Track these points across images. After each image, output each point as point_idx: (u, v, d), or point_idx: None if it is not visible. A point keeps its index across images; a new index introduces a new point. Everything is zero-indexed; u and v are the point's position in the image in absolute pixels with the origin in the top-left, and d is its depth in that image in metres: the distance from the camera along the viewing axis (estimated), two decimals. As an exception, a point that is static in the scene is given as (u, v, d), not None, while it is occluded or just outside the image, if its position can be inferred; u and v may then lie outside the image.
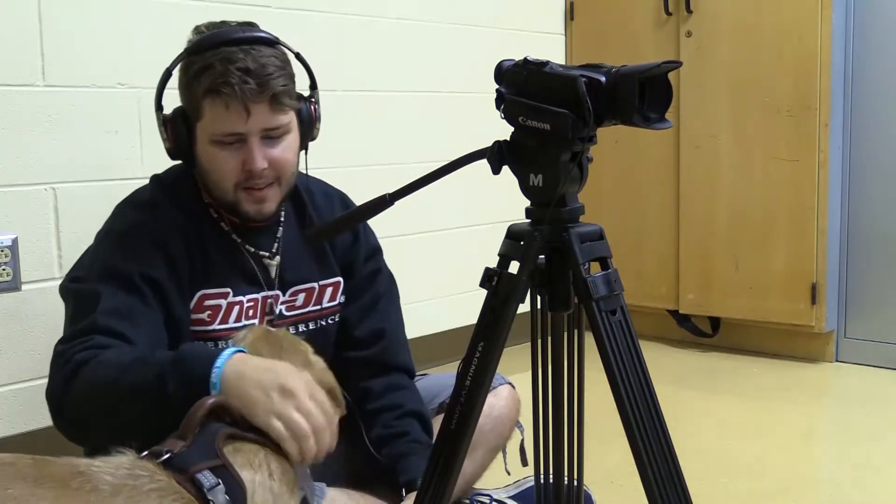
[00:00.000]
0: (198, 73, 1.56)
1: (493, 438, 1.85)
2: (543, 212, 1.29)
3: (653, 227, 3.59)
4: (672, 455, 1.29)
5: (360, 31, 2.99)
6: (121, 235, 1.61)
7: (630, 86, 1.18)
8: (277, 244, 1.74)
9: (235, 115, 1.55)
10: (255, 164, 1.58)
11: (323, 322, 1.79)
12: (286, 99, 1.59)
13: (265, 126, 1.58)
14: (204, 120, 1.58)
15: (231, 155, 1.58)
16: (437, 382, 1.91)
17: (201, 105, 1.57)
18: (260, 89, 1.54)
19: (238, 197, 1.62)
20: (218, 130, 1.57)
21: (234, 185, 1.60)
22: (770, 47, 3.21)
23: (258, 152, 1.58)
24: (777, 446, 2.53)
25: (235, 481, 1.11)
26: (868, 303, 3.25)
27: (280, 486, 1.17)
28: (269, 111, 1.57)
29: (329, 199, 1.85)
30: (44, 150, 2.25)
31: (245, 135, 1.57)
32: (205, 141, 1.59)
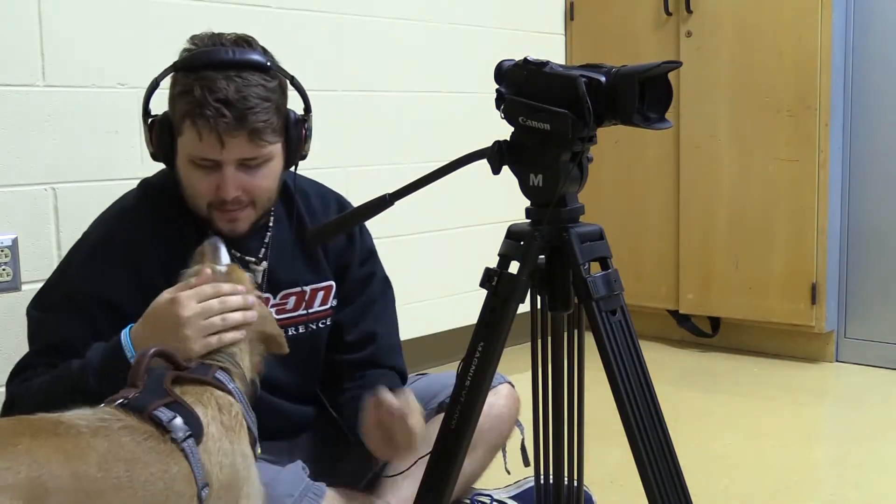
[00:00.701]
0: (180, 95, 1.53)
1: (492, 437, 1.85)
2: (543, 212, 1.29)
3: (653, 227, 3.58)
4: (672, 455, 1.29)
5: (360, 31, 2.99)
6: (88, 256, 1.62)
7: (630, 86, 1.18)
8: (265, 249, 1.71)
9: (209, 144, 1.52)
10: (227, 192, 1.56)
11: (313, 326, 1.77)
12: (266, 134, 1.54)
13: (241, 157, 1.55)
14: (183, 138, 1.56)
15: (205, 177, 1.56)
16: (436, 382, 1.91)
17: (181, 124, 1.55)
18: (237, 123, 1.50)
19: (211, 215, 1.60)
20: (194, 153, 1.55)
21: (207, 204, 1.60)
22: (770, 47, 3.21)
23: (231, 181, 1.55)
24: (777, 446, 2.53)
25: (190, 413, 1.21)
26: (868, 303, 3.25)
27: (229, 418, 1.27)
28: (247, 143, 1.53)
29: (325, 200, 1.83)
30: (44, 150, 2.25)
31: (220, 162, 1.54)
32: (183, 157, 1.58)
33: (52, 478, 1.03)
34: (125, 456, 1.12)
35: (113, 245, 1.61)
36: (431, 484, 1.35)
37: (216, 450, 1.22)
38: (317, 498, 1.56)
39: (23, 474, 1.01)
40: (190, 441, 1.18)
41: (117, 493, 1.09)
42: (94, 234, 1.66)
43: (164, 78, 1.61)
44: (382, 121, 3.08)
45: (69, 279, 1.61)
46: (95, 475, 1.08)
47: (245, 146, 1.53)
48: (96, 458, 1.09)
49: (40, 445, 1.06)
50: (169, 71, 1.58)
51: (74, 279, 1.60)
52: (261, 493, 1.32)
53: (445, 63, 3.28)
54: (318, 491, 1.58)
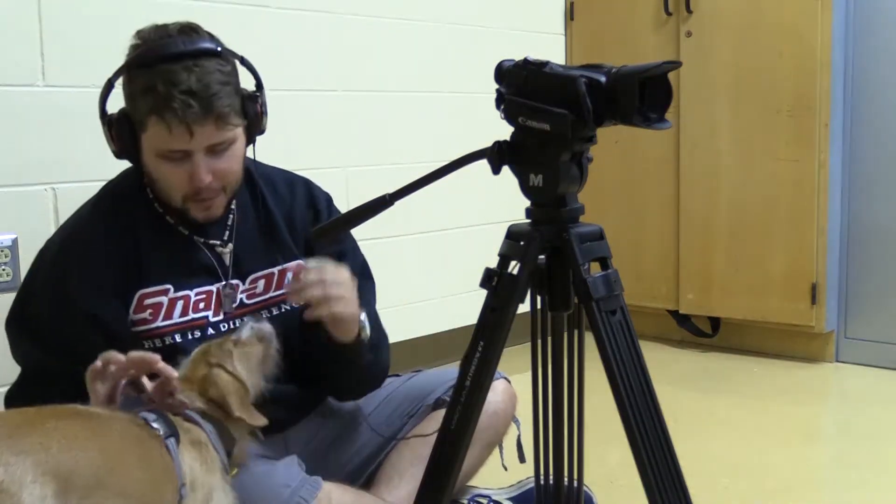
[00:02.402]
0: (142, 93, 1.54)
1: (489, 434, 1.84)
2: (543, 212, 1.29)
3: (653, 227, 3.59)
4: (672, 455, 1.29)
5: (360, 31, 2.99)
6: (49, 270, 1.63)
7: (630, 86, 1.18)
8: (229, 232, 1.73)
9: (178, 136, 1.54)
10: (201, 179, 1.58)
11: (286, 306, 1.77)
12: (231, 118, 1.57)
13: (209, 143, 1.57)
14: (148, 134, 1.57)
15: (176, 168, 1.58)
16: (431, 379, 1.91)
17: (145, 120, 1.56)
18: (204, 112, 1.52)
19: (186, 206, 1.63)
20: (162, 147, 1.56)
21: (182, 195, 1.61)
22: (770, 47, 3.21)
23: (202, 167, 1.58)
24: (777, 446, 2.53)
25: (167, 418, 1.31)
26: (868, 303, 3.25)
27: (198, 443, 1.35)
28: (214, 130, 1.56)
29: (292, 186, 1.83)
30: (44, 150, 2.25)
31: (190, 152, 1.57)
32: (150, 153, 1.59)
33: (81, 451, 1.10)
34: (136, 436, 1.22)
35: (69, 260, 1.62)
36: (431, 484, 1.35)
37: (187, 454, 1.30)
38: (313, 489, 1.56)
39: (53, 451, 1.06)
40: (172, 440, 1.28)
41: (136, 467, 1.18)
42: (53, 251, 1.67)
43: (118, 78, 1.63)
44: (382, 121, 3.08)
45: (36, 300, 1.63)
46: (120, 450, 1.17)
47: (212, 133, 1.55)
48: (117, 437, 1.19)
49: (66, 425, 1.13)
50: (123, 70, 1.60)
51: (41, 300, 1.62)
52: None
53: (445, 63, 3.28)
54: (315, 483, 1.58)
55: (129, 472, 1.16)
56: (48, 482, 1.03)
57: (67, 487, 1.05)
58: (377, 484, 1.79)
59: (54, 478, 1.04)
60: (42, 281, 1.64)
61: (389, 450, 1.83)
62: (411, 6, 3.15)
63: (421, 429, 1.80)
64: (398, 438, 1.83)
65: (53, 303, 1.60)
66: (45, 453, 1.06)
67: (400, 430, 1.84)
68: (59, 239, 1.68)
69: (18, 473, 1.01)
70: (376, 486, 1.78)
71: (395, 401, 1.88)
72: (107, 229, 1.64)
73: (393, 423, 1.86)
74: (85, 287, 1.59)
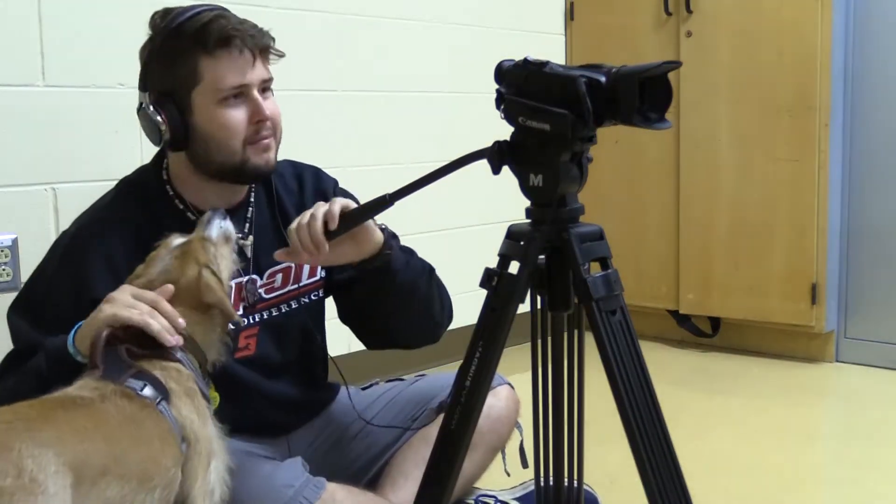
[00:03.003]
0: (196, 34, 1.57)
1: (491, 439, 1.85)
2: (543, 212, 1.29)
3: (653, 227, 3.58)
4: (672, 455, 1.29)
5: (360, 31, 2.99)
6: (63, 255, 1.63)
7: (630, 86, 1.18)
8: (249, 224, 1.73)
9: (243, 63, 1.58)
10: (264, 111, 1.62)
11: (305, 299, 1.78)
12: (273, 51, 1.65)
13: (262, 77, 1.62)
14: (205, 82, 1.58)
15: (238, 111, 1.61)
16: (434, 383, 1.91)
17: (198, 67, 1.57)
18: (260, 36, 1.61)
19: (246, 154, 1.62)
20: (225, 85, 1.58)
21: (243, 141, 1.62)
22: (770, 47, 3.21)
23: (262, 101, 1.62)
24: (777, 446, 2.53)
25: (154, 379, 1.32)
26: (868, 303, 3.25)
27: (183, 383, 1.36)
28: (263, 63, 1.63)
29: (301, 177, 1.83)
30: (44, 150, 2.25)
31: (248, 87, 1.60)
32: (209, 105, 1.59)
33: (90, 442, 1.15)
34: (128, 415, 1.25)
35: (86, 241, 1.62)
36: (431, 484, 1.35)
37: (182, 407, 1.33)
38: (317, 490, 1.56)
39: (69, 444, 1.12)
40: (163, 403, 1.30)
41: (134, 448, 1.22)
42: (69, 234, 1.67)
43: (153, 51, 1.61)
44: (382, 121, 3.08)
45: (46, 281, 1.63)
46: (119, 435, 1.21)
47: (262, 67, 1.63)
48: (114, 421, 1.22)
49: (73, 417, 1.18)
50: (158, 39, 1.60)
51: (51, 281, 1.61)
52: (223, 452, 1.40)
53: (446, 63, 3.28)
54: (319, 483, 1.58)
55: (129, 455, 1.20)
56: (67, 473, 1.08)
57: (80, 477, 1.10)
58: (381, 486, 1.79)
59: (71, 468, 1.09)
60: (57, 264, 1.63)
61: (393, 452, 1.83)
62: (412, 6, 3.15)
63: (425, 432, 1.80)
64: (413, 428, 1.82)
65: (65, 285, 1.59)
66: (62, 446, 1.10)
67: (403, 433, 1.84)
68: (77, 226, 1.67)
69: (43, 464, 1.06)
70: (380, 487, 1.78)
71: (398, 404, 1.88)
72: (126, 218, 1.64)
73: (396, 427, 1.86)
74: (100, 271, 1.58)
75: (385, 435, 1.84)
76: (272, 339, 1.73)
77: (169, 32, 1.58)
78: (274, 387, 1.75)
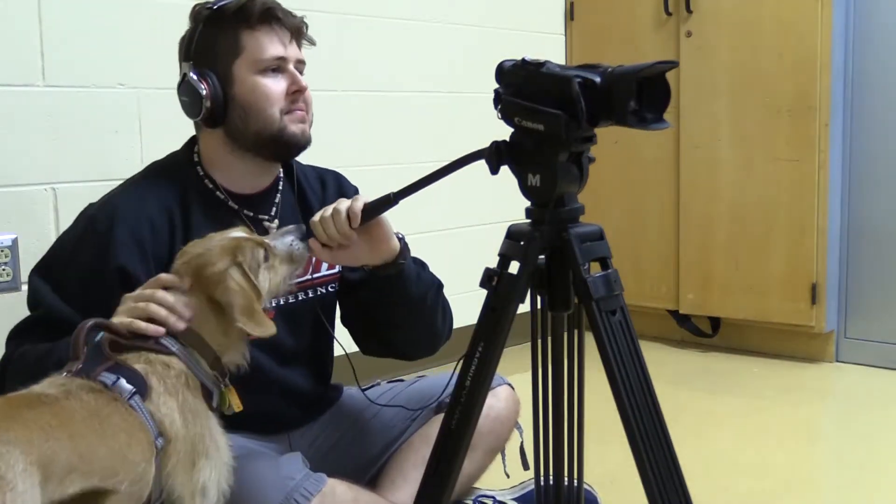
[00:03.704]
0: (239, 10, 1.66)
1: (491, 439, 1.85)
2: (543, 212, 1.29)
3: (653, 227, 3.58)
4: (672, 455, 1.29)
5: (360, 31, 2.99)
6: (88, 226, 1.65)
7: (624, 86, 1.18)
8: (276, 208, 1.77)
9: (282, 36, 1.68)
10: (301, 82, 1.70)
11: (322, 290, 1.80)
12: (305, 37, 1.75)
13: (298, 57, 1.72)
14: (246, 52, 1.66)
15: (274, 81, 1.68)
16: (435, 383, 1.91)
17: (240, 40, 1.66)
18: (296, 20, 1.71)
19: (284, 123, 1.69)
20: (266, 55, 1.66)
21: (280, 110, 1.68)
22: (770, 47, 3.21)
23: (297, 74, 1.70)
24: (777, 446, 2.53)
25: (131, 371, 1.30)
26: (868, 303, 3.25)
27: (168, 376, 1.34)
28: (297, 44, 1.72)
29: (324, 179, 1.88)
30: (44, 150, 2.25)
31: (286, 60, 1.68)
32: (249, 75, 1.67)
33: (56, 441, 1.14)
34: (93, 410, 1.23)
35: (113, 211, 1.64)
36: (431, 484, 1.35)
37: (162, 404, 1.30)
38: (318, 483, 1.56)
39: (35, 442, 1.11)
40: (136, 398, 1.27)
41: (100, 443, 1.20)
42: (97, 205, 1.69)
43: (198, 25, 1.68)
44: (382, 121, 3.08)
45: (70, 247, 1.65)
46: (84, 432, 1.19)
47: (296, 47, 1.73)
48: (79, 417, 1.20)
49: (38, 415, 1.17)
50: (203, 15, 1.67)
51: (75, 247, 1.64)
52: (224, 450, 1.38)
53: (445, 63, 3.28)
54: (319, 478, 1.58)
55: (94, 450, 1.19)
56: (35, 471, 1.08)
57: (48, 475, 1.10)
58: (380, 486, 1.79)
59: (38, 467, 1.09)
60: (81, 231, 1.65)
61: (392, 452, 1.83)
62: (412, 6, 3.15)
63: (424, 432, 1.80)
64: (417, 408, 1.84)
65: (88, 252, 1.61)
66: (28, 444, 1.10)
67: (403, 433, 1.84)
68: (105, 198, 1.70)
69: (11, 462, 1.06)
70: (380, 487, 1.79)
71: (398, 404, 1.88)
72: (154, 193, 1.68)
73: (396, 426, 1.86)
74: (125, 239, 1.60)
75: (384, 436, 1.85)
76: (286, 325, 1.73)
77: (213, 11, 1.67)
78: (285, 375, 1.76)
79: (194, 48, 1.68)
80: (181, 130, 1.79)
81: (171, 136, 1.82)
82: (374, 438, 1.85)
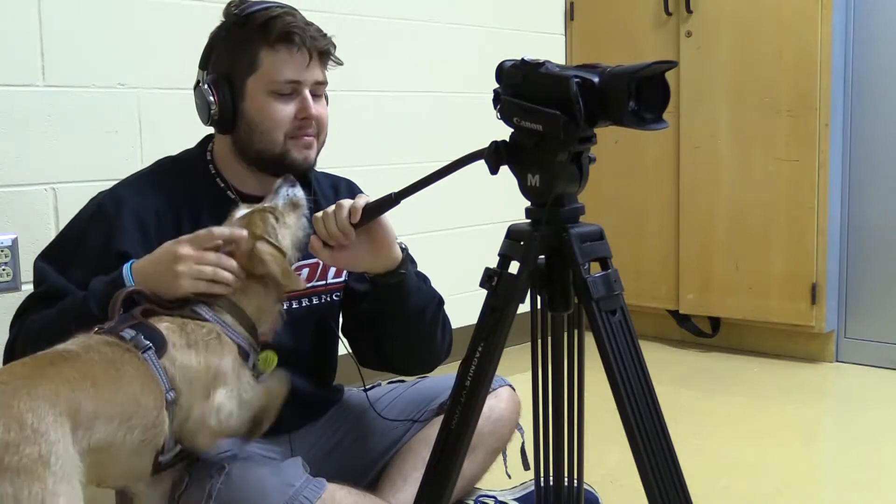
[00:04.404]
0: (262, 25, 1.64)
1: (492, 440, 1.85)
2: (543, 212, 1.29)
3: (653, 227, 3.59)
4: (672, 455, 1.29)
5: (360, 31, 2.99)
6: (97, 211, 1.68)
7: (621, 86, 1.18)
8: None
9: (300, 60, 1.65)
10: (311, 109, 1.68)
11: (327, 297, 1.80)
12: (331, 59, 1.72)
13: (316, 79, 1.69)
14: (262, 70, 1.65)
15: (284, 105, 1.66)
16: (436, 383, 1.91)
17: (258, 57, 1.64)
18: (321, 39, 1.68)
19: (287, 147, 1.68)
20: (279, 77, 1.65)
21: (285, 134, 1.67)
22: (770, 47, 3.21)
23: (310, 100, 1.68)
24: (777, 446, 2.53)
25: (152, 329, 1.39)
26: (868, 303, 3.25)
27: (196, 336, 1.42)
28: (320, 66, 1.69)
29: (336, 186, 1.89)
30: (44, 150, 2.25)
31: (300, 84, 1.66)
32: (260, 93, 1.66)
33: (80, 391, 1.24)
34: (110, 360, 1.32)
35: (120, 200, 1.67)
36: (431, 484, 1.35)
37: (178, 357, 1.38)
38: (317, 490, 1.56)
39: (62, 394, 1.21)
40: (150, 352, 1.36)
41: (117, 388, 1.30)
42: (106, 192, 1.72)
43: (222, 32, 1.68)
44: (382, 121, 3.08)
45: (78, 232, 1.68)
46: (103, 380, 1.29)
47: (318, 68, 1.69)
48: (98, 367, 1.30)
49: (61, 370, 1.26)
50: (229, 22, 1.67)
51: (83, 232, 1.67)
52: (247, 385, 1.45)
53: (445, 63, 3.28)
54: (319, 483, 1.58)
55: (113, 395, 1.29)
56: (64, 421, 1.19)
57: (76, 423, 1.20)
58: (381, 487, 1.79)
59: (67, 417, 1.19)
60: (88, 218, 1.68)
61: (393, 453, 1.83)
62: (412, 6, 3.15)
63: (425, 433, 1.80)
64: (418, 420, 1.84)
65: (95, 237, 1.64)
66: (55, 396, 1.20)
67: (403, 434, 1.84)
68: (114, 187, 1.72)
69: (42, 415, 1.16)
70: (380, 489, 1.78)
71: (398, 405, 1.88)
72: (162, 185, 1.70)
73: (396, 428, 1.86)
74: (129, 234, 1.62)
75: (385, 437, 1.85)
76: (289, 329, 1.73)
77: (238, 20, 1.66)
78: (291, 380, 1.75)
79: (216, 52, 1.68)
80: (181, 130, 1.79)
81: (172, 136, 1.83)
82: (375, 439, 1.85)
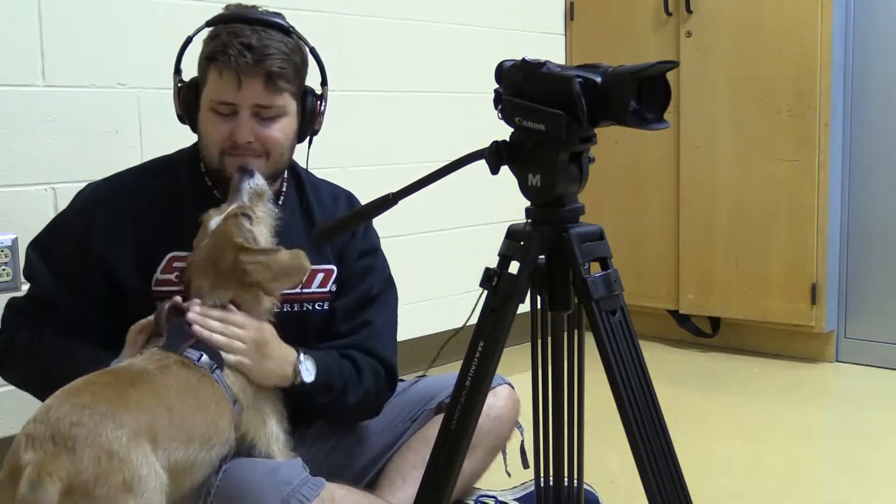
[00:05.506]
0: (207, 41, 1.65)
1: (492, 439, 1.85)
2: (543, 212, 1.29)
3: (653, 227, 3.59)
4: (672, 455, 1.29)
5: (360, 31, 2.99)
6: (80, 209, 1.72)
7: (624, 86, 1.18)
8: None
9: (227, 83, 1.61)
10: (240, 135, 1.64)
11: (308, 306, 1.77)
12: (281, 81, 1.63)
13: (257, 102, 1.63)
14: (207, 86, 1.66)
15: (221, 123, 1.65)
16: (435, 383, 1.91)
17: (206, 72, 1.65)
18: (255, 65, 1.60)
19: (223, 163, 1.68)
20: (214, 97, 1.64)
21: (220, 151, 1.67)
22: (770, 47, 3.21)
23: (245, 125, 1.63)
24: (777, 446, 2.53)
25: (210, 349, 1.49)
26: (868, 303, 3.25)
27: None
28: (263, 89, 1.62)
29: (336, 199, 1.87)
30: (44, 150, 2.25)
31: (235, 106, 1.63)
32: (205, 107, 1.67)
33: (158, 417, 1.33)
34: (187, 385, 1.42)
35: (100, 199, 1.71)
36: (431, 484, 1.35)
37: (231, 374, 1.51)
38: (316, 488, 1.56)
39: (142, 419, 1.30)
40: (217, 372, 1.48)
41: (194, 415, 1.40)
42: (94, 185, 1.76)
43: (196, 35, 1.71)
44: (382, 121, 3.08)
45: (63, 224, 1.74)
46: (180, 406, 1.38)
47: (260, 91, 1.62)
48: (175, 393, 1.39)
49: (142, 393, 1.35)
50: (202, 28, 1.69)
51: (67, 224, 1.73)
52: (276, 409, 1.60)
53: (446, 63, 3.28)
54: (318, 482, 1.58)
55: (191, 421, 1.39)
56: (145, 443, 1.27)
57: (156, 446, 1.29)
58: (380, 487, 1.79)
59: (148, 440, 1.28)
60: (71, 217, 1.73)
61: (393, 453, 1.83)
62: (411, 6, 3.15)
63: (424, 433, 1.80)
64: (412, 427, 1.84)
65: (75, 232, 1.69)
66: (136, 423, 1.28)
67: (403, 434, 1.84)
68: (101, 184, 1.76)
69: (124, 442, 1.25)
70: (379, 488, 1.78)
71: (398, 405, 1.88)
72: (148, 186, 1.73)
73: (396, 427, 1.86)
74: (106, 232, 1.67)
75: (384, 437, 1.84)
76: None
77: (212, 31, 1.67)
78: None
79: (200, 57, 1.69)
80: (181, 130, 1.79)
81: (171, 136, 1.82)
82: (373, 439, 1.85)
